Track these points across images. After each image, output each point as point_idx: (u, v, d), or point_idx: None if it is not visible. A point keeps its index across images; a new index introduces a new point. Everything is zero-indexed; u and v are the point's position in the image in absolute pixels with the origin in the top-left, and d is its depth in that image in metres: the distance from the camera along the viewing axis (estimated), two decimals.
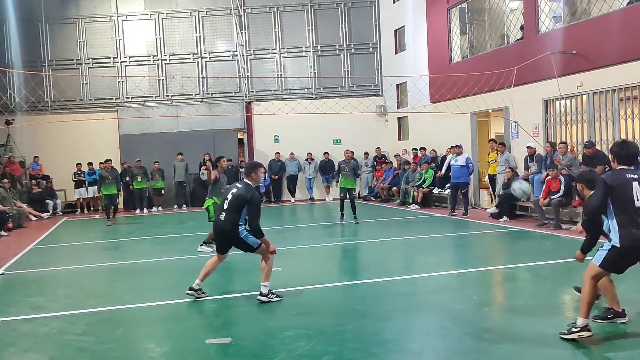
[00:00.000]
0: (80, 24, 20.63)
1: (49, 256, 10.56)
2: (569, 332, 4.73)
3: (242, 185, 6.34)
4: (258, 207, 6.22)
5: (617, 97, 11.35)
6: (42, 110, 18.34)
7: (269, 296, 6.25)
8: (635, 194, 4.66)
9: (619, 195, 4.67)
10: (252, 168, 6.46)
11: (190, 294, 6.42)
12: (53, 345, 5.15)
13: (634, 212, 4.63)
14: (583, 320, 4.70)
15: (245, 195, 6.18)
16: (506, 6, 14.84)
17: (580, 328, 4.68)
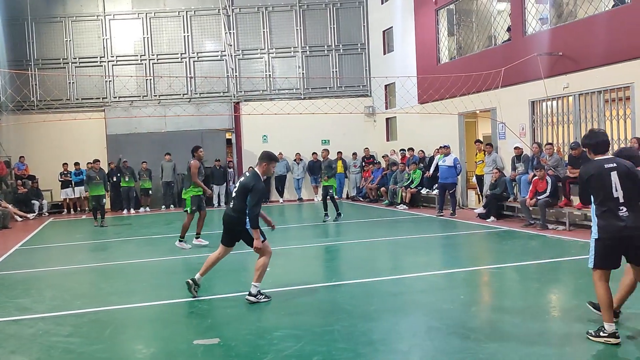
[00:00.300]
0: (66, 22, 20.46)
1: (34, 257, 10.46)
2: (596, 335, 4.64)
3: (249, 174, 6.38)
4: (258, 195, 6.14)
5: (603, 98, 11.48)
6: (28, 110, 18.14)
7: (257, 297, 6.24)
8: (613, 184, 4.59)
9: (597, 186, 4.65)
10: (263, 158, 6.33)
11: (190, 283, 6.46)
12: (39, 347, 5.10)
13: (612, 203, 4.59)
14: (609, 325, 4.57)
15: (248, 183, 6.19)
16: (493, 8, 14.95)
17: (608, 334, 4.56)
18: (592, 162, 4.82)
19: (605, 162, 4.70)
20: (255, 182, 6.17)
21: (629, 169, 4.66)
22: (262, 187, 6.23)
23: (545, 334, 4.94)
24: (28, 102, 18.68)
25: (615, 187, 4.59)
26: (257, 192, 6.12)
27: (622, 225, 4.54)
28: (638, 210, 4.62)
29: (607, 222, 4.59)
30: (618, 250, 4.65)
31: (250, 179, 6.22)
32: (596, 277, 4.71)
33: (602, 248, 4.64)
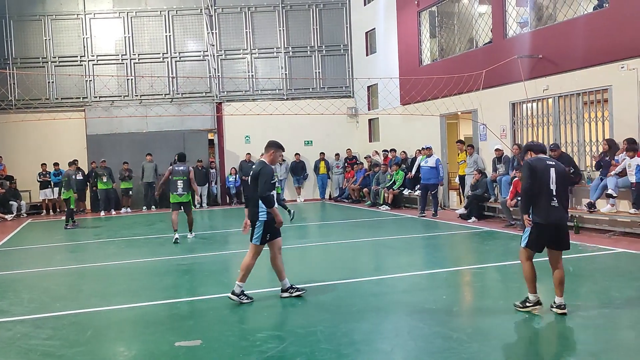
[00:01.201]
0: (46, 21, 20.17)
1: (12, 259, 10.28)
2: (523, 306, 5.53)
3: (256, 163, 6.46)
4: (266, 177, 6.16)
5: (582, 100, 11.66)
6: (6, 109, 17.88)
7: (240, 297, 6.23)
8: (552, 178, 5.42)
9: (539, 178, 5.40)
10: (271, 146, 6.41)
11: (285, 296, 6.38)
12: (17, 350, 5.01)
13: (549, 194, 5.39)
14: (534, 296, 5.49)
15: (256, 170, 6.26)
16: (475, 10, 15.10)
17: (533, 303, 5.48)
18: (537, 157, 5.60)
19: (546, 160, 5.58)
20: (262, 167, 6.27)
21: (563, 168, 5.61)
22: (269, 171, 6.25)
23: (525, 333, 5.00)
24: (6, 102, 18.39)
25: (552, 181, 5.42)
26: (264, 175, 6.18)
27: (555, 213, 5.39)
28: (565, 202, 5.52)
29: (545, 210, 5.39)
30: (547, 235, 5.44)
31: (257, 167, 6.34)
32: (524, 256, 5.57)
33: (538, 231, 5.43)
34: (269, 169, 6.27)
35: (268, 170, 6.25)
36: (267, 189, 6.14)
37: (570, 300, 5.99)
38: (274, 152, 6.39)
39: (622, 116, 10.58)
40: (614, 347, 4.61)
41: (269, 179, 6.19)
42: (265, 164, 6.31)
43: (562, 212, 5.45)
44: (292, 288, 6.46)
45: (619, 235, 10.14)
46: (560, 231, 5.46)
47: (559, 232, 5.45)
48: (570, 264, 7.95)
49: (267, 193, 6.13)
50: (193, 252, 10.16)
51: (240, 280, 6.27)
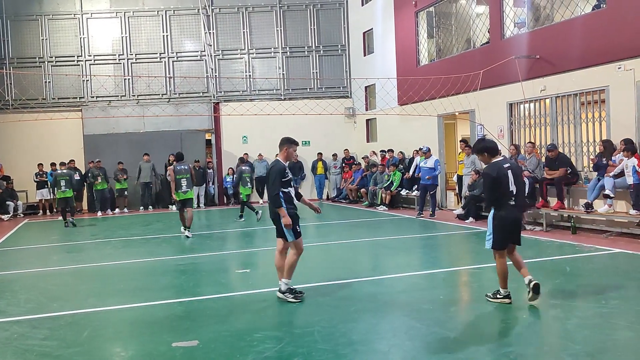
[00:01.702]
0: (43, 21, 20.13)
1: (9, 259, 10.26)
2: (494, 297, 5.93)
3: (273, 162, 6.50)
4: (272, 176, 6.21)
5: (579, 101, 11.68)
6: (3, 109, 17.85)
7: (285, 294, 6.24)
8: (510, 180, 5.77)
9: (500, 183, 5.76)
10: (283, 143, 6.49)
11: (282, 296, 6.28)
12: (14, 351, 5.00)
13: (509, 196, 5.78)
14: (505, 291, 5.89)
15: (267, 169, 6.30)
16: (472, 11, 15.12)
17: (503, 296, 5.87)
18: (495, 163, 5.86)
19: (502, 163, 5.86)
20: (272, 165, 6.33)
21: (518, 167, 6.02)
22: (278, 168, 6.25)
23: (522, 334, 5.01)
24: (3, 102, 18.35)
25: (510, 182, 5.77)
26: (271, 174, 6.24)
27: (513, 212, 5.81)
28: (521, 199, 5.95)
29: (506, 211, 5.78)
30: (508, 232, 5.82)
31: (270, 166, 6.40)
32: (498, 255, 5.88)
33: (500, 230, 5.80)
34: (277, 167, 6.26)
35: (275, 170, 6.25)
36: (274, 189, 6.16)
37: (568, 301, 6.00)
38: (287, 149, 6.43)
39: (619, 117, 10.60)
40: (610, 347, 4.62)
41: (276, 178, 6.20)
42: (277, 162, 6.34)
43: (519, 210, 5.93)
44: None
45: (616, 236, 10.16)
46: (517, 227, 5.89)
47: (516, 228, 5.87)
48: (568, 264, 7.97)
49: (276, 192, 6.16)
50: (190, 253, 10.14)
51: (286, 277, 6.27)
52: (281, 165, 6.31)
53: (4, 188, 18.21)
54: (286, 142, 6.48)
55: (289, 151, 6.46)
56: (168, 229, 13.56)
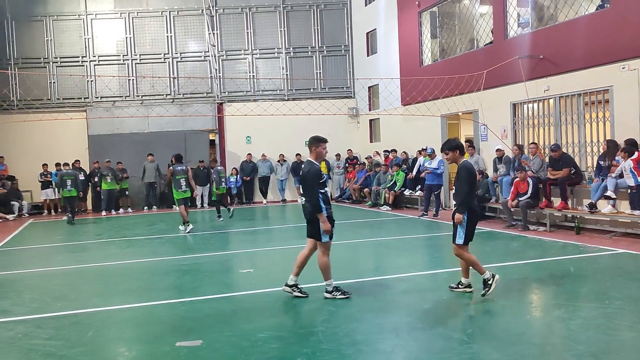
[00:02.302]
0: (47, 21, 20.20)
1: (14, 259, 10.31)
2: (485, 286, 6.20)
3: (305, 163, 6.45)
4: (310, 181, 6.17)
5: (583, 101, 11.66)
6: (8, 110, 17.91)
7: (333, 293, 6.30)
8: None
9: (474, 179, 6.22)
10: (312, 142, 6.43)
11: (287, 290, 6.43)
12: (19, 350, 5.03)
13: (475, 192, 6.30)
14: (488, 273, 6.20)
15: (303, 172, 6.29)
16: (476, 11, 15.10)
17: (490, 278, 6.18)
18: (467, 161, 6.34)
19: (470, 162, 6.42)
20: (308, 168, 6.28)
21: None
22: (314, 172, 6.20)
23: (525, 334, 5.00)
24: (8, 102, 18.42)
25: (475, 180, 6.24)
26: (309, 178, 6.19)
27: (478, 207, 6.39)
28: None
29: (474, 206, 6.23)
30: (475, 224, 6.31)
31: (303, 168, 6.38)
32: (466, 249, 6.28)
33: (472, 226, 6.23)
34: (313, 171, 6.22)
35: (311, 174, 6.20)
36: (314, 195, 6.14)
37: (571, 301, 6.00)
38: (316, 148, 6.38)
39: (623, 117, 10.57)
40: (614, 348, 4.61)
41: (315, 182, 6.16)
42: (311, 164, 6.29)
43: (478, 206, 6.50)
44: (297, 287, 6.46)
45: (620, 236, 10.14)
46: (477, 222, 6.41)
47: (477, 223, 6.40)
48: (571, 265, 7.96)
49: (315, 198, 6.14)
50: (194, 252, 10.17)
51: (325, 279, 6.33)
52: (316, 167, 6.27)
53: (9, 188, 18.29)
54: (315, 142, 6.42)
55: (318, 150, 6.38)
56: (172, 229, 13.59)
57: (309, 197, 6.20)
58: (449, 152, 6.34)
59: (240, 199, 20.28)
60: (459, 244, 6.22)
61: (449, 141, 6.47)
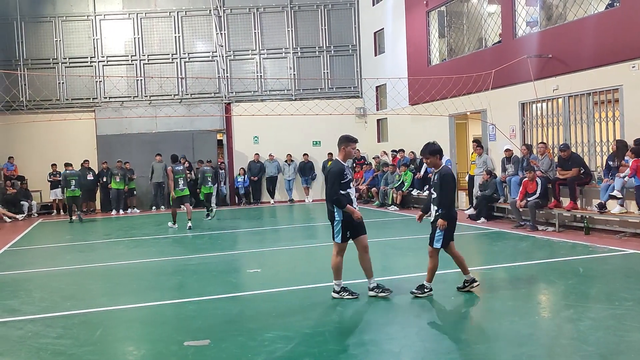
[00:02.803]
0: (56, 22, 20.33)
1: (23, 258, 10.38)
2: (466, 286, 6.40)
3: (332, 163, 6.42)
4: (332, 178, 6.13)
5: (592, 100, 11.58)
6: (17, 110, 18.00)
7: (376, 290, 6.34)
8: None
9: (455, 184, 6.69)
10: (341, 142, 6.36)
11: (372, 294, 6.36)
12: (28, 349, 5.06)
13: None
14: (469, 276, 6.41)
15: (327, 171, 6.25)
16: (484, 10, 15.04)
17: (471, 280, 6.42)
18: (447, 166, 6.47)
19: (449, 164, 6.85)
20: (331, 167, 6.25)
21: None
22: (337, 170, 6.15)
23: (534, 335, 4.97)
24: (17, 102, 18.52)
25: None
26: (330, 177, 6.15)
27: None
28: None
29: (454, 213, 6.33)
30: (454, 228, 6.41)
31: (329, 168, 6.34)
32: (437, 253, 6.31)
33: (452, 231, 6.29)
34: (336, 169, 6.17)
35: (333, 172, 6.16)
36: (334, 192, 6.10)
37: (580, 302, 5.95)
38: (345, 147, 6.31)
39: (633, 116, 10.49)
40: (624, 349, 4.57)
41: (335, 181, 6.10)
42: (336, 163, 6.24)
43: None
44: (378, 288, 6.38)
45: (630, 236, 10.05)
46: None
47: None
48: (580, 265, 7.91)
49: (335, 196, 6.10)
50: (201, 252, 10.19)
51: (335, 279, 6.32)
52: (340, 166, 6.18)
53: (19, 188, 18.42)
54: (344, 141, 6.31)
55: (347, 150, 6.29)
56: (179, 229, 13.62)
57: (328, 195, 6.18)
58: (429, 156, 6.25)
59: (247, 199, 20.31)
60: (437, 247, 6.24)
61: (428, 145, 6.33)
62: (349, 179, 6.22)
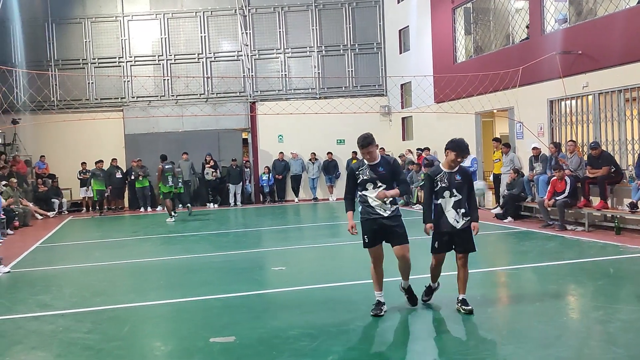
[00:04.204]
0: (86, 23, 20.72)
1: (54, 254, 10.62)
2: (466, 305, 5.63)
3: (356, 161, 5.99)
4: (347, 179, 5.80)
5: (623, 97, 11.32)
6: (48, 110, 18.41)
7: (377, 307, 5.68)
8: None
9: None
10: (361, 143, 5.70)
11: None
12: (59, 343, 5.18)
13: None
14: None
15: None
16: (511, 6, 14.82)
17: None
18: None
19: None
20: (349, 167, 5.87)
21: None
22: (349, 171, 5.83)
23: (562, 336, 4.89)
24: (48, 102, 18.95)
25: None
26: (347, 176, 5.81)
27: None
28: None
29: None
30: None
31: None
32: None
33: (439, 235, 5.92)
34: (350, 167, 5.90)
35: (349, 171, 5.83)
36: (346, 191, 5.78)
37: (610, 303, 5.84)
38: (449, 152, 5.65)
39: None
40: None
41: (347, 181, 5.78)
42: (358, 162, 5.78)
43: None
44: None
45: None
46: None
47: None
48: (611, 266, 7.74)
49: (345, 194, 5.79)
50: (226, 250, 10.28)
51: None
52: (351, 166, 5.81)
53: (50, 186, 18.85)
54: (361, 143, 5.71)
55: (450, 155, 5.65)
56: (205, 226, 13.78)
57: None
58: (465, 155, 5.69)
59: (272, 197, 20.42)
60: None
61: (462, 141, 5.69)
62: (363, 179, 5.63)
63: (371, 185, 5.63)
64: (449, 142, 5.71)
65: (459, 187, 5.61)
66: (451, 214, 5.64)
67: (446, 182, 5.58)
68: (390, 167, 5.69)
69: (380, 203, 5.59)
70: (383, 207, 5.62)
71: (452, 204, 5.61)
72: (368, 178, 5.64)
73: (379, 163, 5.66)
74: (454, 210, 5.63)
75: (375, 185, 5.61)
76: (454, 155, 5.58)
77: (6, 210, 13.22)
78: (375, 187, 5.61)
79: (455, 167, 5.65)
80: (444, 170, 5.65)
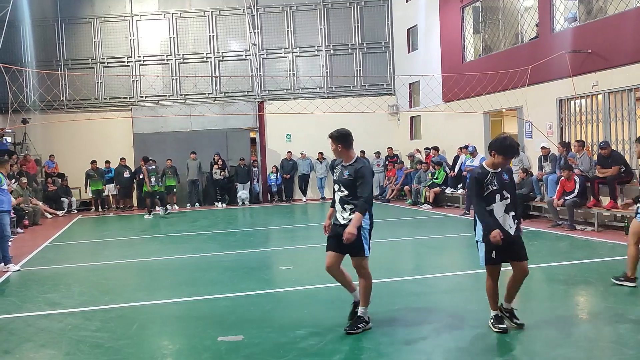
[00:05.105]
0: (95, 23, 20.83)
1: (63, 253, 10.69)
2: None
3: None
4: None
5: (634, 96, 11.22)
6: (58, 109, 18.54)
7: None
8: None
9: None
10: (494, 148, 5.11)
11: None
12: (68, 341, 5.21)
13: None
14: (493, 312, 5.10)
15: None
16: (520, 4, 14.74)
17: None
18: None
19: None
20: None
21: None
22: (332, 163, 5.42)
23: (572, 337, 4.86)
24: (58, 102, 19.07)
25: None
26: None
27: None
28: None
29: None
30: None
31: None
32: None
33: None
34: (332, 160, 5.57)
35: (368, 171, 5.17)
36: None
37: (620, 304, 5.78)
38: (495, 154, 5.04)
39: None
40: None
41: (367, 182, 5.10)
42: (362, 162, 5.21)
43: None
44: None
45: None
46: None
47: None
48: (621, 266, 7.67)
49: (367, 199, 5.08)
50: (234, 249, 10.30)
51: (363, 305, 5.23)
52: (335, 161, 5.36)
53: (59, 185, 18.97)
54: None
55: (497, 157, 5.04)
56: (213, 225, 13.81)
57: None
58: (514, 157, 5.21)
59: (280, 197, 20.44)
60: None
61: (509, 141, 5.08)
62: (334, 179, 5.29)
63: (337, 188, 5.19)
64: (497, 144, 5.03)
65: (509, 188, 5.05)
66: (504, 220, 4.98)
67: (496, 184, 4.98)
68: (355, 173, 5.05)
69: (339, 208, 5.07)
70: (342, 213, 5.09)
71: (504, 207, 4.98)
72: (336, 179, 5.21)
73: (348, 166, 5.15)
74: (507, 215, 4.99)
75: (339, 188, 5.14)
76: (502, 159, 4.99)
77: (16, 209, 13.31)
78: (339, 190, 5.14)
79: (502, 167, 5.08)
80: (490, 170, 5.04)
